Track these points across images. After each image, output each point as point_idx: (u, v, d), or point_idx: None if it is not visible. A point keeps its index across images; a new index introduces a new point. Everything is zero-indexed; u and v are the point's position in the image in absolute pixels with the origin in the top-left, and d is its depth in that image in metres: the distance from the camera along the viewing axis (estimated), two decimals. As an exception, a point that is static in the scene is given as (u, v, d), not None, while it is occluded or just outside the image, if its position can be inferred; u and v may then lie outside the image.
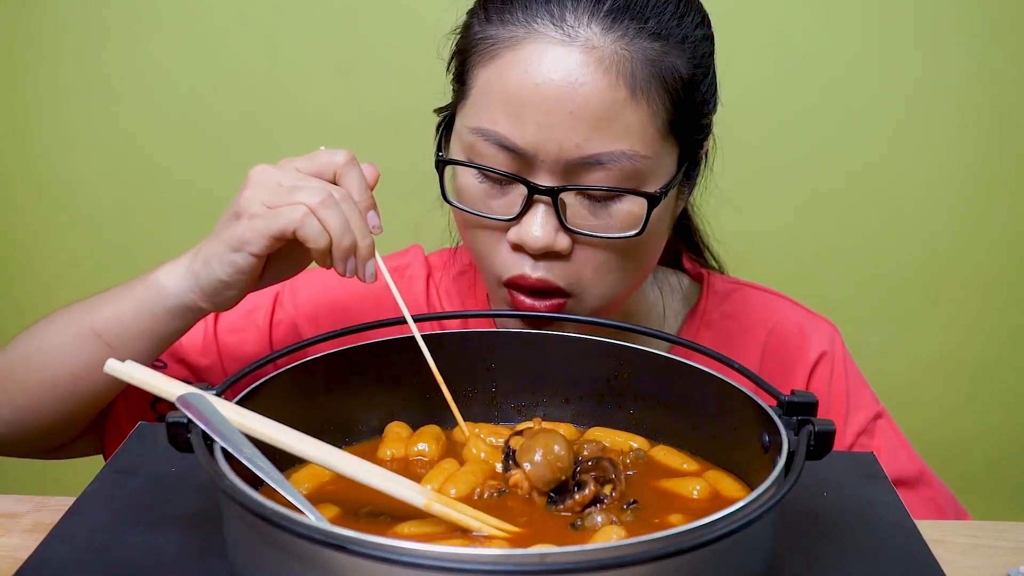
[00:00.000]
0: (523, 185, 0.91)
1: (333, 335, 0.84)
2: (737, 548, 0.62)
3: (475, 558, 0.55)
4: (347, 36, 1.58)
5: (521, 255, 0.94)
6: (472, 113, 0.94)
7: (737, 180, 1.59)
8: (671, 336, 0.86)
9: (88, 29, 1.58)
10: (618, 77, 0.89)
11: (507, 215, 0.93)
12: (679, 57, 0.92)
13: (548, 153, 0.90)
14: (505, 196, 0.93)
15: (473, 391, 0.88)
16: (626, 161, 0.90)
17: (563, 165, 0.90)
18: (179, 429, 0.67)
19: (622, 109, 0.89)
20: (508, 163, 0.92)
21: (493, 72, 0.92)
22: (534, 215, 0.92)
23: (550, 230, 0.91)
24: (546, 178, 0.91)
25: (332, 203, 0.84)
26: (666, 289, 1.14)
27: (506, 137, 0.90)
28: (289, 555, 0.59)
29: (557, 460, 0.73)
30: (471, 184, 0.94)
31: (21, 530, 0.84)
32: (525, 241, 0.92)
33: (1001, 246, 1.66)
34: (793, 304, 1.17)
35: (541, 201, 0.91)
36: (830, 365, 1.12)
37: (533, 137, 0.90)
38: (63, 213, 1.66)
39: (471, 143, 0.93)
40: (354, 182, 0.87)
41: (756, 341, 1.12)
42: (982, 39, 1.57)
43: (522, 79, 0.90)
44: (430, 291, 1.13)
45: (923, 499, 1.09)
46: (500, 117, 0.91)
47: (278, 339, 1.09)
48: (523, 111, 0.90)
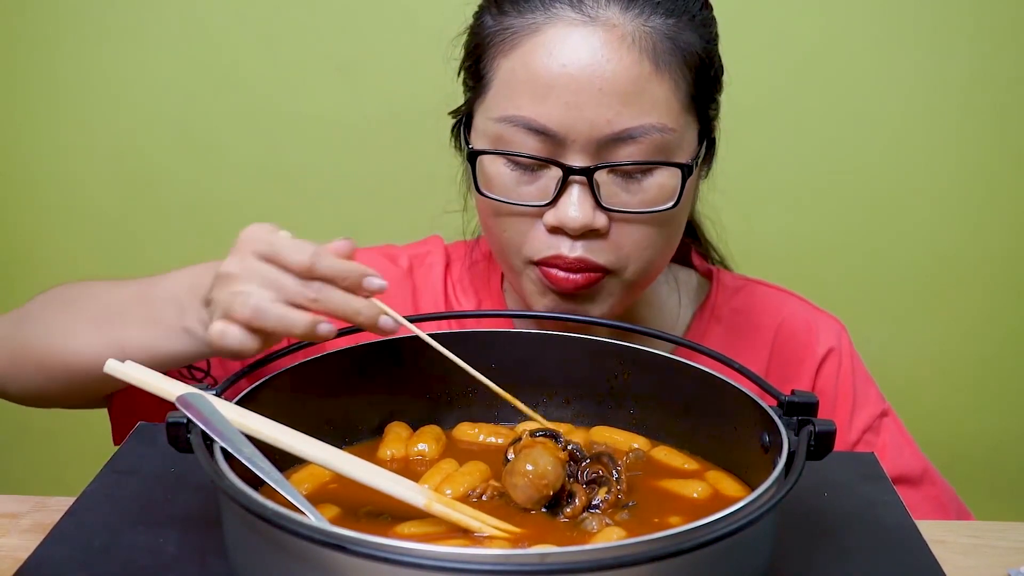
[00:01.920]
0: (556, 167, 0.92)
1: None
2: (737, 548, 0.62)
3: (475, 558, 0.55)
4: (347, 36, 1.57)
5: (558, 237, 0.94)
6: (495, 104, 0.94)
7: (739, 179, 1.59)
8: (676, 338, 0.86)
9: (88, 29, 1.58)
10: (641, 53, 0.91)
11: (541, 200, 0.93)
12: (692, 33, 0.94)
13: (579, 132, 0.90)
14: (537, 182, 0.94)
15: (473, 391, 0.88)
16: (656, 134, 0.91)
17: (595, 143, 0.91)
18: (179, 429, 0.67)
19: (648, 83, 0.91)
20: (538, 147, 0.92)
21: (516, 60, 0.93)
22: (570, 196, 0.92)
23: (588, 209, 0.92)
24: (578, 159, 0.92)
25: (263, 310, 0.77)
26: (680, 280, 1.15)
27: (535, 120, 0.91)
28: (289, 555, 0.59)
29: (541, 478, 0.72)
30: (501, 173, 0.95)
31: (21, 530, 0.84)
32: (564, 223, 0.92)
33: (1002, 245, 1.65)
34: (801, 301, 1.18)
35: (576, 182, 0.92)
36: (837, 361, 1.13)
37: (563, 118, 0.90)
38: (63, 213, 1.66)
39: (498, 133, 0.93)
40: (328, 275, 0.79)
41: (765, 336, 1.13)
42: (982, 39, 1.57)
43: (547, 62, 0.91)
44: (448, 281, 1.13)
45: (926, 497, 1.09)
46: (526, 102, 0.92)
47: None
48: (551, 93, 0.90)
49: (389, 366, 0.86)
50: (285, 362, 0.81)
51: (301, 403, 0.79)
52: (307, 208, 1.64)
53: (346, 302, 0.78)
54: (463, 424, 0.87)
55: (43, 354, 0.96)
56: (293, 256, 0.78)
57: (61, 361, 0.94)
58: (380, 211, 1.60)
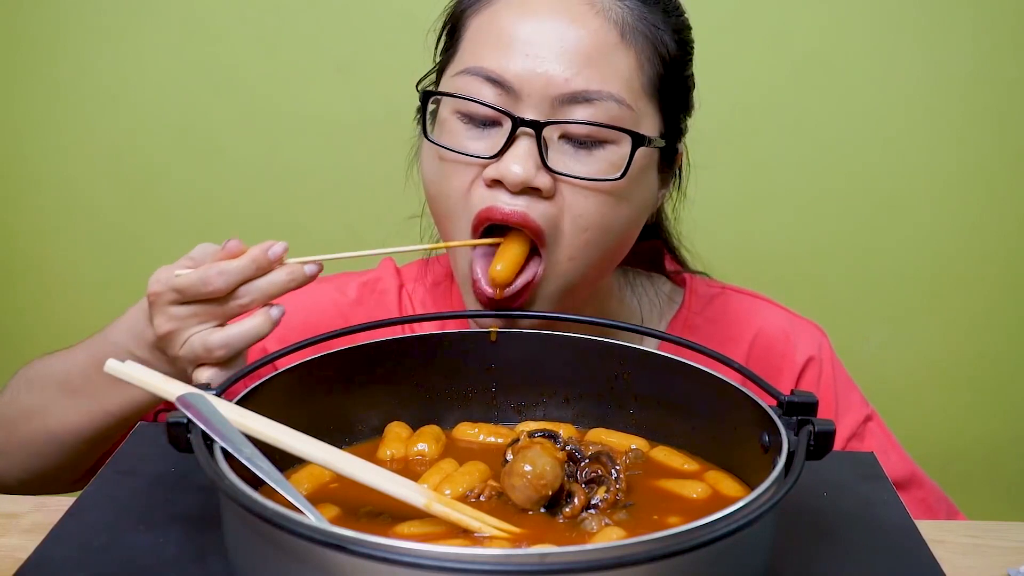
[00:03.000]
0: (507, 118, 0.90)
1: (332, 335, 0.85)
2: (737, 548, 0.62)
3: (475, 558, 0.55)
4: (347, 36, 1.57)
5: (496, 190, 0.91)
6: (460, 60, 0.95)
7: (737, 180, 1.60)
8: (665, 334, 0.85)
9: (88, 29, 1.58)
10: (609, 22, 0.91)
11: (488, 153, 0.91)
12: (664, 27, 0.95)
13: (535, 87, 0.90)
14: (488, 138, 0.92)
15: (473, 391, 0.88)
16: (612, 104, 0.90)
17: (550, 101, 0.90)
18: (179, 429, 0.67)
19: (612, 52, 0.91)
20: (493, 99, 0.91)
21: (485, 17, 0.93)
22: (515, 150, 0.90)
23: (530, 166, 0.89)
24: (531, 113, 0.90)
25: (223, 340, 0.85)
26: (649, 293, 1.13)
27: (492, 70, 0.91)
28: (289, 555, 0.59)
29: (539, 479, 0.72)
30: (453, 125, 0.93)
31: (21, 530, 0.84)
32: (504, 175, 0.89)
33: (1001, 246, 1.66)
34: (778, 308, 1.16)
35: (524, 134, 0.90)
36: (818, 369, 1.12)
37: (520, 70, 0.90)
38: (63, 213, 1.66)
39: (457, 85, 0.93)
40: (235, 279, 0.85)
41: (741, 346, 1.11)
42: (982, 39, 1.57)
43: (514, 17, 0.91)
44: (402, 302, 1.12)
45: (914, 500, 1.08)
46: (488, 53, 0.92)
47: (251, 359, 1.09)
48: (512, 45, 0.91)
49: (389, 366, 0.86)
50: (285, 362, 0.81)
51: (301, 403, 0.79)
52: (307, 208, 1.64)
53: (272, 283, 0.85)
54: (463, 424, 0.87)
55: (26, 437, 1.00)
56: (203, 289, 0.84)
57: (47, 437, 0.99)
58: (380, 211, 1.60)
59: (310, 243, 1.64)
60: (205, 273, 0.84)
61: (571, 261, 0.93)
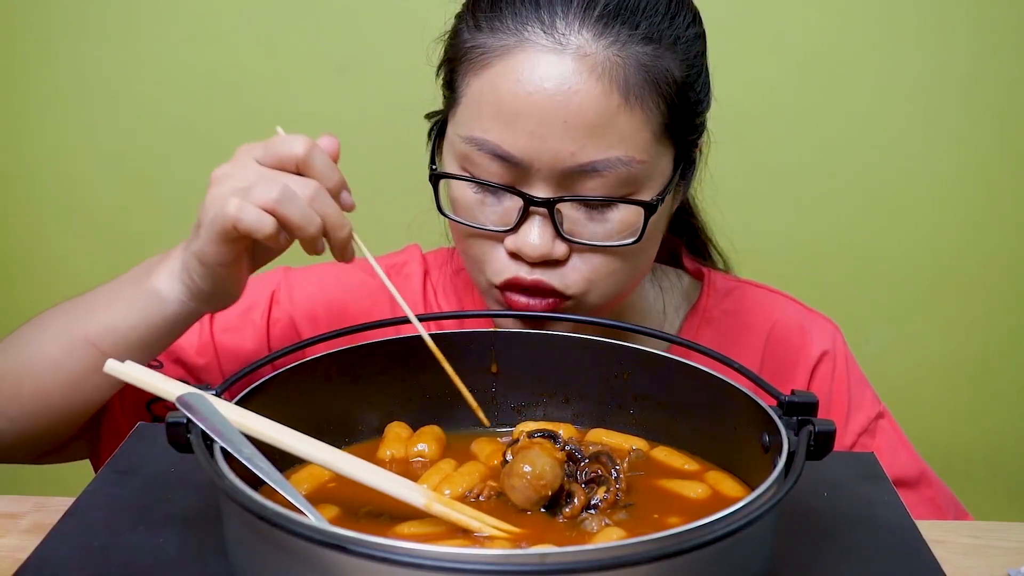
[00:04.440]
0: (519, 196, 0.91)
1: (332, 335, 0.84)
2: (737, 548, 0.62)
3: (475, 558, 0.55)
4: (347, 36, 1.57)
5: (518, 262, 0.93)
6: (464, 122, 0.93)
7: (738, 180, 1.60)
8: (671, 336, 0.86)
9: (88, 29, 1.58)
10: (611, 84, 0.88)
11: (503, 225, 0.93)
12: (672, 60, 0.91)
13: (543, 163, 0.89)
14: (501, 204, 0.93)
15: (473, 391, 0.88)
16: (622, 167, 0.90)
17: (558, 174, 0.90)
18: (179, 429, 0.67)
19: (616, 116, 0.89)
20: (503, 173, 0.91)
21: (485, 82, 0.91)
22: (531, 225, 0.91)
23: (547, 239, 0.91)
24: (542, 188, 0.91)
25: (289, 196, 0.81)
26: (666, 286, 1.14)
27: (499, 147, 0.90)
28: (289, 555, 0.59)
29: (539, 479, 0.72)
30: (466, 194, 0.94)
31: (21, 530, 0.84)
32: (522, 250, 0.92)
33: (1002, 245, 1.66)
34: (794, 302, 1.17)
35: (537, 212, 0.91)
36: (832, 364, 1.12)
37: (527, 147, 0.89)
38: (63, 213, 1.66)
39: (465, 152, 0.92)
40: (318, 169, 0.84)
41: (757, 339, 1.12)
42: (982, 39, 1.57)
43: (514, 88, 0.89)
44: (427, 289, 1.13)
45: (923, 499, 1.08)
46: (492, 126, 0.90)
47: (276, 337, 1.09)
48: (516, 121, 0.89)
49: (389, 366, 0.86)
50: (285, 362, 0.81)
51: (301, 403, 0.79)
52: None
53: (336, 211, 0.84)
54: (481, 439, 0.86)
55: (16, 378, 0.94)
56: (288, 146, 0.83)
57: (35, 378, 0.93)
58: (380, 211, 1.60)
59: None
60: (297, 137, 0.84)
61: (602, 298, 0.96)
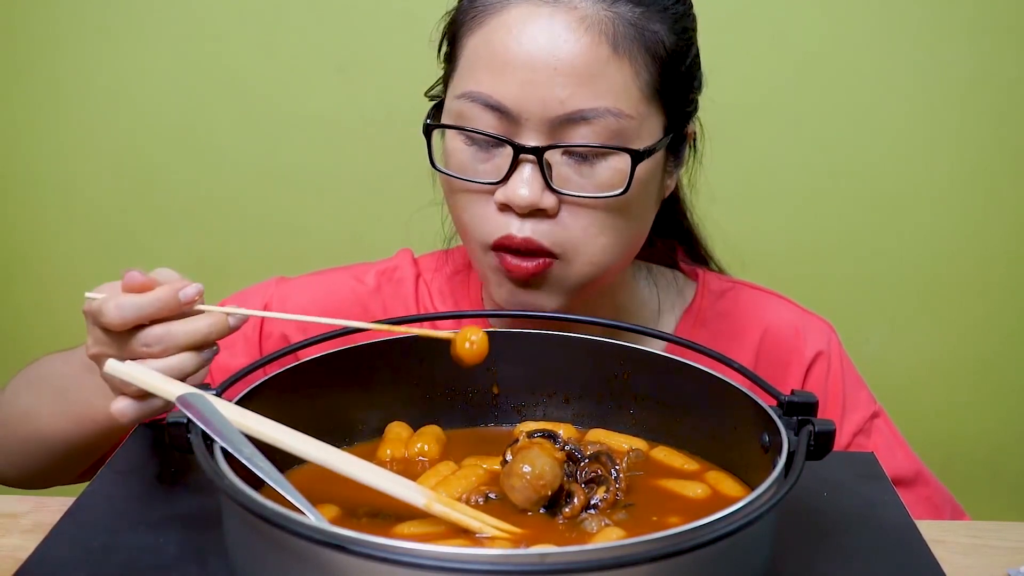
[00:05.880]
0: (509, 146, 0.92)
1: (332, 335, 0.84)
2: (737, 548, 0.62)
3: (475, 558, 0.55)
4: (347, 36, 1.57)
5: (507, 215, 0.94)
6: (459, 82, 0.95)
7: (737, 180, 1.60)
8: (669, 336, 0.86)
9: (88, 29, 1.58)
10: (600, 36, 0.91)
11: (494, 178, 0.94)
12: (660, 25, 0.94)
13: (532, 111, 0.91)
14: (492, 160, 0.94)
15: (473, 391, 0.88)
16: (611, 119, 0.91)
17: (548, 124, 0.91)
18: (179, 429, 0.67)
19: (605, 67, 0.91)
20: (494, 124, 0.93)
21: (480, 38, 0.94)
22: (520, 175, 0.92)
23: (536, 189, 0.92)
24: (532, 138, 0.92)
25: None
26: (661, 285, 1.14)
27: (490, 96, 0.92)
28: (289, 555, 0.59)
29: (538, 479, 0.72)
30: (458, 148, 0.95)
31: (21, 530, 0.84)
32: (512, 200, 0.92)
33: (1001, 245, 1.66)
34: (788, 303, 1.17)
35: (527, 161, 0.92)
36: (826, 365, 1.12)
37: (517, 95, 0.91)
38: (63, 213, 1.66)
39: (459, 110, 0.94)
40: (148, 313, 0.78)
41: (751, 340, 1.12)
42: (982, 39, 1.57)
43: (506, 39, 0.92)
44: (419, 292, 1.13)
45: (920, 499, 1.08)
46: (485, 78, 0.92)
47: (269, 351, 1.09)
48: (507, 69, 0.91)
49: (389, 366, 0.86)
50: (285, 362, 0.81)
51: (301, 403, 0.79)
52: (307, 208, 1.64)
53: (190, 332, 0.78)
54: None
55: (23, 436, 1.00)
56: (99, 319, 0.78)
57: (38, 440, 0.98)
58: (380, 211, 1.60)
59: (310, 243, 1.65)
60: (104, 303, 0.78)
61: (591, 265, 0.96)
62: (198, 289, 0.80)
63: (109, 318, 0.77)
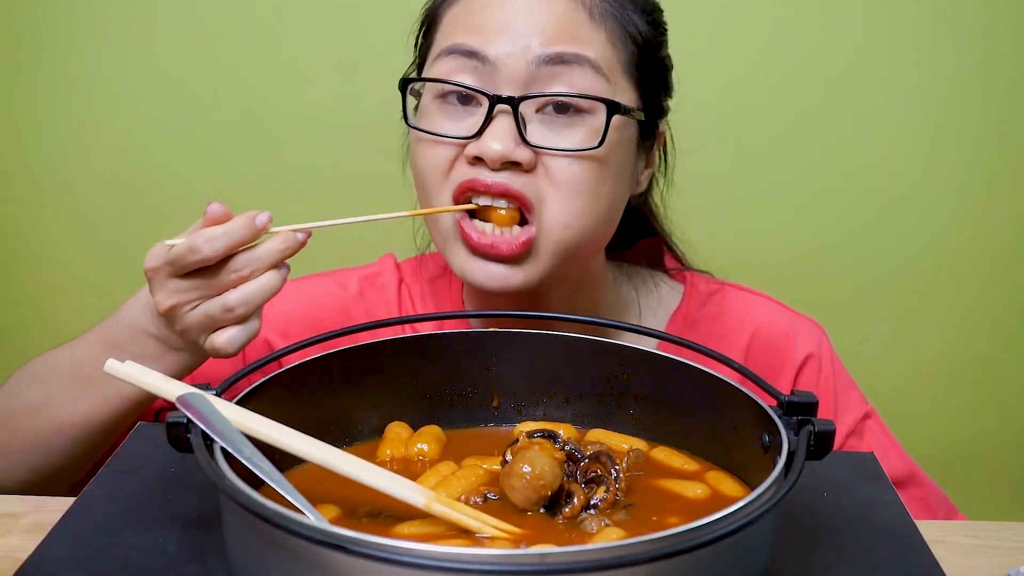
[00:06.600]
0: (484, 96, 0.93)
1: (334, 335, 0.84)
2: (737, 548, 0.62)
3: (475, 558, 0.55)
4: (347, 36, 1.58)
5: (479, 167, 0.94)
6: (437, 47, 0.97)
7: (737, 180, 1.60)
8: (669, 335, 0.86)
9: (88, 29, 1.58)
10: (577, 2, 0.94)
11: (467, 134, 0.94)
12: (634, 12, 0.97)
13: (511, 59, 0.92)
14: (467, 118, 0.94)
15: (473, 391, 0.88)
16: (588, 70, 0.93)
17: (525, 74, 0.92)
18: (179, 429, 0.67)
19: (583, 27, 0.94)
20: (471, 76, 0.94)
21: (459, 6, 0.96)
22: (493, 128, 0.92)
23: (509, 141, 0.92)
24: (508, 89, 0.93)
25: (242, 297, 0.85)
26: (642, 289, 1.13)
27: (468, 45, 0.93)
28: (289, 555, 0.59)
29: (538, 479, 0.72)
30: (433, 109, 0.96)
31: (21, 530, 0.84)
32: (484, 152, 0.92)
33: (1001, 245, 1.66)
34: (777, 305, 1.16)
35: (502, 112, 0.92)
36: (817, 367, 1.12)
37: (496, 44, 0.92)
38: (63, 213, 1.66)
39: (435, 71, 0.95)
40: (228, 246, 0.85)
41: (740, 343, 1.12)
42: (982, 39, 1.57)
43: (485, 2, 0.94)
44: (402, 297, 1.13)
45: (914, 499, 1.08)
46: (463, 33, 0.94)
47: (252, 357, 1.08)
48: (487, 23, 0.93)
49: (389, 366, 0.86)
50: (285, 362, 0.81)
51: (301, 403, 0.79)
52: (307, 208, 1.64)
53: (270, 251, 0.85)
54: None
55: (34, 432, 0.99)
56: (192, 257, 0.83)
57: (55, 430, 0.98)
58: (380, 210, 1.59)
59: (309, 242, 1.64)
60: (193, 241, 0.84)
61: (566, 229, 0.95)
62: (269, 216, 0.86)
63: (204, 252, 0.83)
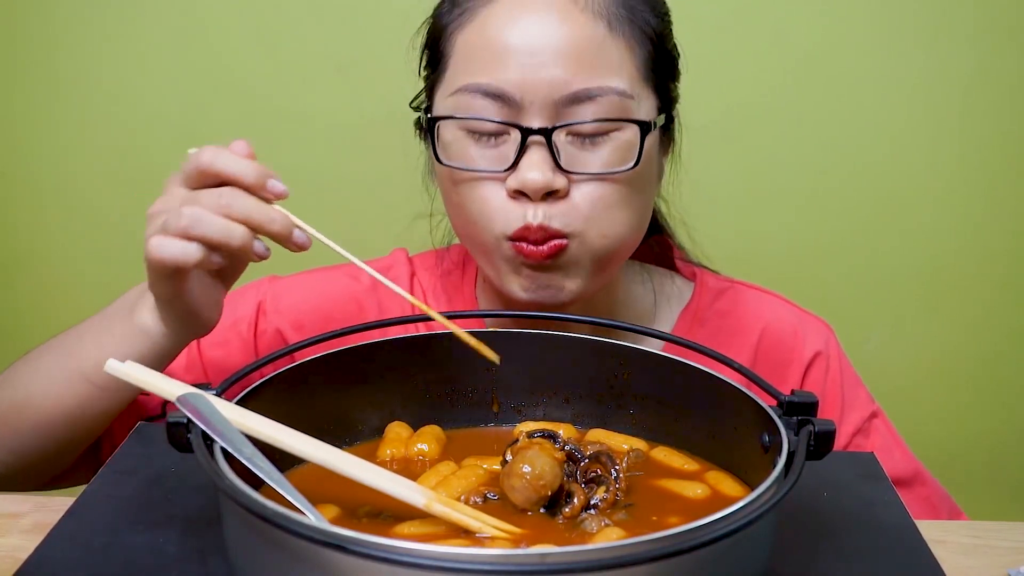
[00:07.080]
0: (515, 131, 0.92)
1: (335, 334, 0.84)
2: (737, 548, 0.62)
3: (475, 558, 0.55)
4: (347, 36, 1.57)
5: (521, 203, 0.93)
6: (453, 78, 0.95)
7: (738, 179, 1.60)
8: (668, 335, 0.86)
9: (88, 29, 1.58)
10: (595, 15, 0.93)
11: (501, 167, 0.93)
12: (645, 9, 0.96)
13: (537, 94, 0.91)
14: (497, 149, 0.94)
15: (473, 391, 0.88)
16: (614, 97, 0.92)
17: (552, 105, 0.91)
18: (179, 429, 0.67)
19: (603, 44, 0.92)
20: (497, 113, 0.92)
21: (472, 32, 0.94)
22: (530, 158, 0.92)
23: (547, 170, 0.92)
24: (537, 119, 0.92)
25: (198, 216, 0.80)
26: (657, 283, 1.14)
27: (491, 84, 0.92)
28: (289, 555, 0.59)
29: (538, 480, 0.72)
30: (461, 142, 0.95)
31: (21, 530, 0.84)
32: (525, 184, 0.92)
33: (1001, 245, 1.66)
34: (787, 303, 1.17)
35: (535, 143, 0.92)
36: (825, 365, 1.12)
37: (520, 80, 0.91)
38: (63, 213, 1.66)
39: (456, 104, 0.94)
40: (229, 171, 0.83)
41: (749, 340, 1.12)
42: (982, 39, 1.57)
43: (503, 26, 0.92)
44: (414, 292, 1.13)
45: (918, 498, 1.08)
46: (482, 69, 0.92)
47: (263, 348, 1.08)
48: (506, 56, 0.91)
49: (389, 366, 0.86)
50: (285, 362, 0.81)
51: (301, 403, 0.79)
52: (307, 208, 1.63)
53: (258, 208, 0.82)
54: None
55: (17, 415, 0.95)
56: (194, 161, 0.82)
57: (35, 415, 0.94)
58: (380, 211, 1.60)
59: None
60: (219, 150, 0.83)
61: (605, 238, 0.96)
62: (285, 189, 0.84)
63: (205, 157, 0.81)
